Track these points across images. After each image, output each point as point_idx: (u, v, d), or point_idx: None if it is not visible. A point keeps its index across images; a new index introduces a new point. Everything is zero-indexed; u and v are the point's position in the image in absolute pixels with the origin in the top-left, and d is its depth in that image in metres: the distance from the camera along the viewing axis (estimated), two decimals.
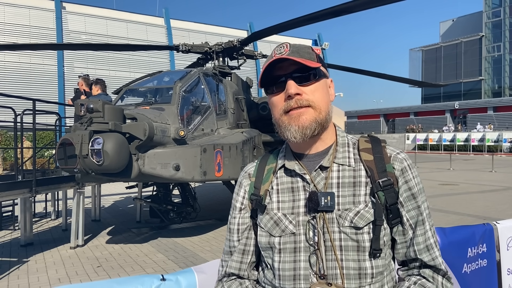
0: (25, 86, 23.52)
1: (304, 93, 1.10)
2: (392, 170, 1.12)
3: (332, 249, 1.07)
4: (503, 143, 32.32)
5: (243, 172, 1.30)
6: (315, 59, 1.12)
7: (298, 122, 1.09)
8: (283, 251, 1.12)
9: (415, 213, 1.12)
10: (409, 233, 1.12)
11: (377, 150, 1.15)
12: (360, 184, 1.11)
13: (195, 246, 6.29)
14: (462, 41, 53.46)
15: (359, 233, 1.06)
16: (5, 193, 5.53)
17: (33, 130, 6.41)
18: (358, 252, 1.06)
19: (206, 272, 1.42)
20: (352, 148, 1.17)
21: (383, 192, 1.08)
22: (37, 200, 8.61)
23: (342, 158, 1.14)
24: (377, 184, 1.08)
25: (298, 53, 1.10)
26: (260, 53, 9.22)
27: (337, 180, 1.12)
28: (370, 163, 1.12)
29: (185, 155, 5.69)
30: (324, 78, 1.16)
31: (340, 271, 1.06)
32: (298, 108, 1.09)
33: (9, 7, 24.76)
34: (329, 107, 1.14)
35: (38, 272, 5.09)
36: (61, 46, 21.74)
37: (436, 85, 41.79)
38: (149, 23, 29.69)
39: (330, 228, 1.08)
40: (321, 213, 1.09)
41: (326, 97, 1.14)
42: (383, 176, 1.09)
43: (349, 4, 5.27)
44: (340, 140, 1.18)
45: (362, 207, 1.08)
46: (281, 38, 32.01)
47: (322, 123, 1.11)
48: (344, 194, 1.10)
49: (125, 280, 1.31)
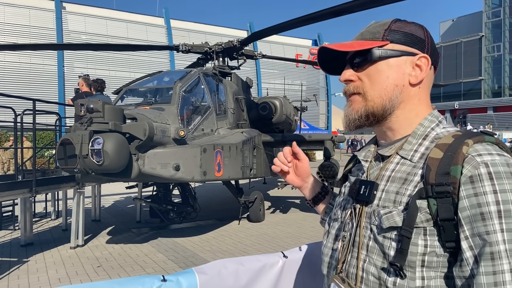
0: (25, 86, 23.49)
1: (358, 79, 1.00)
2: (458, 174, 0.84)
3: (358, 246, 0.97)
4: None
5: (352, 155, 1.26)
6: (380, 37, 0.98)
7: (345, 110, 1.03)
8: (329, 235, 1.11)
9: (480, 241, 0.79)
10: (468, 267, 0.81)
11: (453, 147, 0.88)
12: (410, 182, 0.92)
13: (195, 246, 6.28)
14: (462, 41, 53.44)
15: (386, 236, 0.90)
16: (5, 193, 5.53)
17: (33, 130, 6.41)
18: (383, 258, 0.91)
19: (207, 273, 1.42)
20: (430, 142, 0.96)
21: (436, 200, 0.85)
22: (37, 200, 8.60)
23: (408, 151, 0.97)
24: (428, 188, 0.86)
25: (362, 34, 1.01)
26: (260, 53, 9.22)
27: (390, 173, 0.97)
28: (434, 161, 0.88)
29: (185, 155, 5.69)
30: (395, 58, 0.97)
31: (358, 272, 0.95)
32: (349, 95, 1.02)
33: (9, 7, 24.74)
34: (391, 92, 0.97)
35: (38, 272, 5.09)
36: (61, 46, 21.71)
37: (436, 85, 41.70)
38: (149, 23, 29.66)
39: (363, 222, 0.97)
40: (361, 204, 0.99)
41: (388, 81, 0.97)
42: (440, 180, 0.85)
43: (349, 4, 5.26)
44: (419, 130, 0.98)
45: (401, 209, 0.90)
46: (281, 38, 31.99)
47: (374, 113, 0.98)
48: (388, 190, 0.95)
49: (125, 280, 1.30)
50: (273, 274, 1.58)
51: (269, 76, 32.77)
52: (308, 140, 8.88)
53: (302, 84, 23.57)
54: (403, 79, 0.98)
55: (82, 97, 7.12)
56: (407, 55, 0.97)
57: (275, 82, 31.48)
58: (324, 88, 36.89)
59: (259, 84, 31.25)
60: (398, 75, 0.97)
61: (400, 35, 0.98)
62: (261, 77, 32.44)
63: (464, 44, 53.47)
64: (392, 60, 0.97)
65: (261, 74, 32.57)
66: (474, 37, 52.17)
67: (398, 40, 0.98)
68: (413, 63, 0.98)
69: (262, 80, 32.21)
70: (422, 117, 1.00)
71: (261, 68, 32.35)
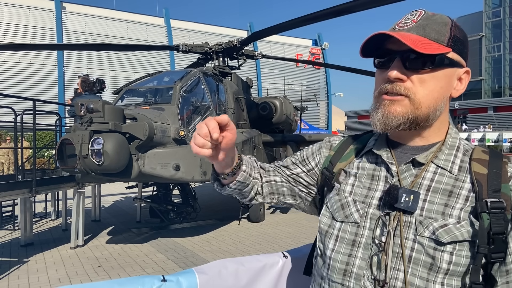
0: (25, 86, 23.51)
1: (408, 80, 0.92)
2: (509, 192, 0.89)
3: (401, 257, 0.91)
4: (503, 143, 32.34)
5: (326, 139, 1.20)
6: (445, 40, 0.91)
7: (385, 110, 0.94)
8: (341, 239, 1.00)
9: None
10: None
11: (495, 164, 0.93)
12: (458, 196, 0.91)
13: (195, 246, 6.28)
14: None
15: (439, 249, 0.88)
16: (5, 193, 5.53)
17: (33, 130, 6.41)
18: (430, 270, 0.89)
19: (207, 273, 1.42)
20: (462, 154, 0.97)
21: (489, 215, 0.87)
22: (37, 200, 8.60)
23: (445, 161, 0.96)
24: (483, 204, 0.87)
25: (424, 29, 0.91)
26: (260, 53, 9.22)
27: (429, 182, 0.94)
28: (482, 177, 0.91)
29: (185, 155, 5.69)
30: (450, 68, 0.94)
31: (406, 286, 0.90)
32: (393, 94, 0.93)
33: (9, 7, 24.75)
34: (439, 104, 0.94)
35: (38, 272, 5.09)
36: (61, 46, 21.72)
37: None
38: (149, 23, 29.67)
39: (404, 232, 0.91)
40: (397, 212, 0.93)
41: (439, 91, 0.94)
42: (494, 196, 0.88)
43: (349, 4, 5.27)
44: (450, 140, 0.99)
45: (453, 222, 0.89)
46: (281, 38, 32.01)
47: (417, 120, 0.93)
48: (433, 201, 0.92)
49: (125, 281, 1.30)
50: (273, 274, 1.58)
51: (269, 76, 32.79)
52: (308, 140, 8.88)
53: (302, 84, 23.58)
54: (449, 91, 0.96)
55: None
56: (458, 67, 0.95)
57: (275, 82, 31.50)
58: (324, 88, 36.90)
59: (259, 84, 31.26)
60: (449, 87, 0.96)
61: (460, 44, 0.94)
62: (261, 77, 32.45)
63: None
64: (448, 69, 0.94)
65: (261, 74, 32.58)
66: (474, 37, 52.17)
67: (458, 49, 0.94)
68: (458, 76, 0.96)
69: (262, 80, 32.22)
70: (446, 127, 1.00)
71: (261, 68, 32.36)
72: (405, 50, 0.90)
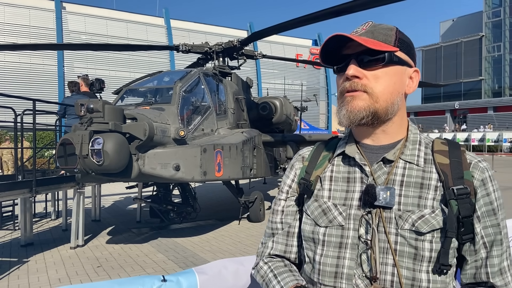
0: (25, 86, 23.51)
1: (364, 77, 1.00)
2: (471, 178, 0.99)
3: (389, 251, 0.97)
4: (503, 143, 32.34)
5: (297, 154, 1.24)
6: (392, 42, 1.01)
7: (348, 106, 1.00)
8: (327, 244, 1.04)
9: (493, 230, 1.00)
10: (482, 252, 1.00)
11: (455, 154, 1.02)
12: (429, 187, 1.00)
13: (195, 246, 6.28)
14: (462, 41, 53.44)
15: (420, 239, 0.96)
16: (5, 193, 5.53)
17: (33, 130, 6.41)
18: (415, 260, 0.96)
19: (207, 273, 1.42)
20: (424, 147, 1.06)
21: (457, 201, 0.96)
22: (37, 200, 8.60)
23: (410, 156, 1.04)
24: (450, 191, 0.96)
25: (373, 33, 1.01)
26: (260, 53, 9.22)
27: (401, 178, 1.02)
28: (445, 167, 1.00)
29: (185, 155, 5.69)
30: (399, 66, 1.03)
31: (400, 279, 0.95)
32: (352, 91, 1.00)
33: (9, 7, 24.75)
34: (395, 98, 1.02)
35: (38, 272, 5.08)
36: (61, 46, 21.72)
37: (436, 85, 41.77)
38: (149, 23, 29.67)
39: (387, 228, 0.98)
40: (377, 209, 0.99)
41: (393, 87, 1.02)
42: (458, 184, 0.97)
43: (349, 4, 5.27)
44: (411, 136, 1.07)
45: (428, 212, 0.97)
46: (281, 38, 32.01)
47: (377, 113, 1.00)
48: (407, 194, 1.00)
49: (125, 281, 1.30)
50: None
51: (269, 76, 32.80)
52: (308, 140, 8.87)
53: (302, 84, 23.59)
54: (403, 88, 1.05)
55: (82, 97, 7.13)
56: (407, 66, 1.05)
57: (275, 82, 31.50)
58: (324, 88, 36.92)
59: (259, 84, 31.26)
60: (401, 83, 1.04)
61: (405, 45, 1.04)
62: (261, 77, 32.44)
63: (464, 44, 53.46)
64: (398, 67, 1.03)
65: (261, 74, 32.58)
66: (474, 37, 52.16)
67: (404, 49, 1.04)
68: (409, 74, 1.06)
69: (262, 80, 32.22)
70: (405, 123, 1.09)
71: (261, 68, 32.36)
72: (358, 52, 1.00)
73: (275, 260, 1.18)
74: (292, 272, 1.13)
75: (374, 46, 0.97)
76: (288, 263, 1.17)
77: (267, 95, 11.78)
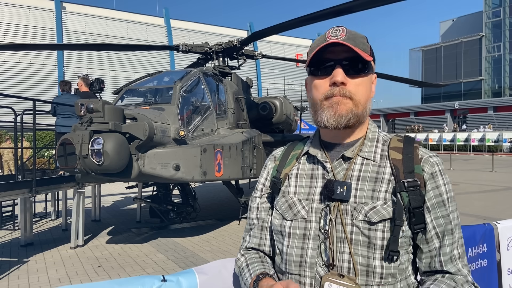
0: (25, 86, 23.52)
1: (348, 84, 1.07)
2: (421, 172, 1.08)
3: (345, 241, 1.05)
4: (503, 143, 32.32)
5: (271, 155, 1.33)
6: (368, 51, 1.10)
7: (336, 108, 1.07)
8: (293, 236, 1.12)
9: (443, 221, 1.08)
10: (435, 242, 1.08)
11: (407, 150, 1.11)
12: (382, 180, 1.08)
13: (195, 246, 6.29)
14: (462, 41, 53.44)
15: (372, 229, 1.03)
16: (5, 193, 5.53)
17: (33, 130, 6.41)
18: (368, 248, 1.04)
19: (207, 273, 1.42)
20: (382, 144, 1.15)
21: (407, 193, 1.04)
22: (37, 200, 8.60)
23: (368, 152, 1.13)
24: (401, 184, 1.05)
25: (354, 41, 1.07)
26: (260, 53, 9.21)
27: (358, 173, 1.10)
28: (398, 162, 1.09)
29: (185, 155, 5.69)
30: (372, 74, 1.14)
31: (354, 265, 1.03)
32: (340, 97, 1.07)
33: (9, 7, 24.77)
34: (368, 103, 1.13)
35: (38, 272, 5.09)
36: (61, 46, 21.73)
37: (436, 85, 41.80)
38: (149, 23, 29.69)
39: (344, 219, 1.06)
40: (336, 202, 1.07)
41: (367, 93, 1.12)
42: (409, 177, 1.06)
43: (349, 4, 5.27)
44: (370, 134, 1.16)
45: (380, 204, 1.05)
46: (281, 38, 32.02)
47: (358, 117, 1.09)
48: (363, 188, 1.08)
49: (125, 281, 1.30)
50: None
51: (269, 76, 32.80)
52: None
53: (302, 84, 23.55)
54: (371, 92, 1.16)
55: (82, 97, 7.13)
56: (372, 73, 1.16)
57: (275, 82, 31.50)
58: None
59: (259, 84, 31.26)
60: (371, 88, 1.15)
61: (373, 54, 1.15)
62: (261, 77, 32.45)
63: (464, 44, 53.47)
64: (371, 75, 1.14)
65: (261, 74, 32.58)
66: (474, 37, 52.16)
67: (374, 59, 1.15)
68: (372, 80, 1.16)
69: (262, 80, 32.23)
70: (367, 123, 1.18)
71: (261, 68, 32.36)
72: (340, 58, 1.07)
73: (250, 252, 1.28)
74: (263, 263, 1.23)
75: (363, 55, 1.05)
76: (262, 255, 1.27)
77: (267, 95, 11.77)
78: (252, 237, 1.28)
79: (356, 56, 1.05)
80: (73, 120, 7.09)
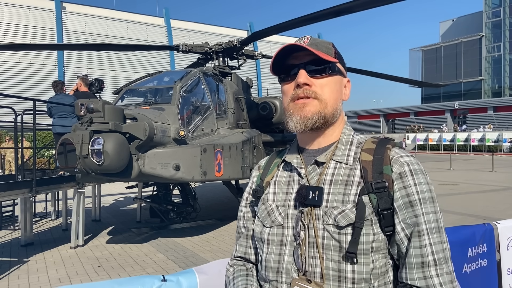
0: (25, 86, 23.53)
1: (313, 85, 1.09)
2: (389, 172, 1.05)
3: (315, 246, 1.04)
4: (503, 143, 32.34)
5: (257, 164, 1.34)
6: (332, 54, 1.12)
7: (301, 112, 1.08)
8: (271, 242, 1.13)
9: (411, 222, 1.02)
10: (403, 245, 1.04)
11: (379, 151, 1.09)
12: (352, 183, 1.07)
13: (195, 246, 6.29)
14: (462, 41, 53.46)
15: (341, 233, 1.02)
16: (5, 193, 5.53)
17: (33, 130, 6.41)
18: (339, 253, 1.02)
19: (207, 273, 1.42)
20: (355, 147, 1.14)
21: (375, 194, 1.03)
22: (37, 200, 8.60)
23: (341, 156, 1.12)
24: (368, 185, 1.04)
25: (317, 46, 1.10)
26: (260, 53, 9.21)
27: (330, 177, 1.10)
28: (367, 163, 1.08)
29: (185, 155, 5.69)
30: (339, 75, 1.15)
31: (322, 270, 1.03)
32: (305, 98, 1.09)
33: (9, 7, 24.77)
34: (338, 104, 1.13)
35: (38, 272, 5.09)
36: (61, 46, 21.73)
37: (436, 85, 41.81)
38: (149, 23, 29.69)
39: (316, 224, 1.05)
40: (309, 208, 1.07)
41: (336, 94, 1.13)
42: (377, 178, 1.04)
43: (349, 4, 5.27)
44: (344, 138, 1.16)
45: (349, 207, 1.03)
46: (281, 38, 31.99)
47: (326, 117, 1.09)
48: (334, 192, 1.07)
49: (125, 280, 1.31)
50: None
51: (269, 76, 32.77)
52: None
53: None
54: (342, 94, 1.17)
55: (81, 97, 7.13)
56: (342, 76, 1.18)
57: (275, 82, 31.40)
58: None
59: (259, 84, 31.27)
60: (340, 90, 1.16)
61: (341, 58, 1.17)
62: (261, 77, 32.46)
63: (464, 44, 53.48)
64: (338, 77, 1.15)
65: (261, 74, 32.59)
66: (474, 37, 52.18)
67: (341, 62, 1.17)
68: (344, 83, 1.19)
69: (262, 80, 32.24)
70: (342, 127, 1.19)
71: (261, 68, 32.36)
72: (304, 62, 1.10)
73: (238, 263, 1.29)
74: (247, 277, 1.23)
75: (324, 56, 1.07)
76: (249, 267, 1.27)
77: (267, 95, 11.77)
78: (239, 246, 1.30)
79: (318, 58, 1.07)
80: (69, 120, 7.10)
